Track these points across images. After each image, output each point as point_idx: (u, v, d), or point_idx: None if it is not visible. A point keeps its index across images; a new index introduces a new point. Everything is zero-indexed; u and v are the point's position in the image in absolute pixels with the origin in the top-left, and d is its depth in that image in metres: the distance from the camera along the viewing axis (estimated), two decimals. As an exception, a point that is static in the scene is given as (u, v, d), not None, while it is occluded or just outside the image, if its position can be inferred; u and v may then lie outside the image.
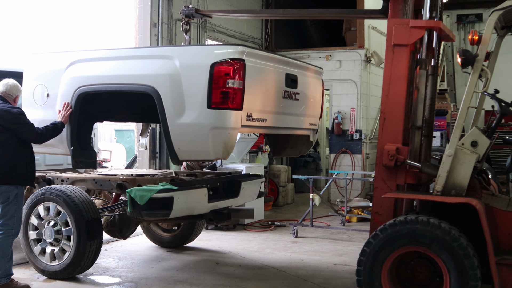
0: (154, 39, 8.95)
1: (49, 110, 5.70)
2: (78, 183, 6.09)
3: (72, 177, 6.21)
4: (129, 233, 6.37)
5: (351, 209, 9.51)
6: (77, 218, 5.50)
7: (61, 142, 5.62)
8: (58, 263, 5.68)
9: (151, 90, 5.01)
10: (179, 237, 7.35)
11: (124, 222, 6.14)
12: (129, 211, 5.27)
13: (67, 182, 6.12)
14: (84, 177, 6.18)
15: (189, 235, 7.31)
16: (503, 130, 12.54)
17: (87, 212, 5.55)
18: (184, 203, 5.31)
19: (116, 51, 5.94)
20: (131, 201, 5.16)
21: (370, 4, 11.17)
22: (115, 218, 6.11)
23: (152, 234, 7.46)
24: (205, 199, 5.57)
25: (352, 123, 11.84)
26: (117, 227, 6.16)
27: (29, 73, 6.06)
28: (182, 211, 5.38)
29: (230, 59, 4.79)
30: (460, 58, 4.42)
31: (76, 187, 5.85)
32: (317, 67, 6.34)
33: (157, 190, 5.14)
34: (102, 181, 5.93)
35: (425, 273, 4.40)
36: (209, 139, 4.83)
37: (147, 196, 5.08)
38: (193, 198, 5.45)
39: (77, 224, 5.50)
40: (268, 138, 7.10)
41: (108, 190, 6.04)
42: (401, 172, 4.73)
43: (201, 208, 5.67)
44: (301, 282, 5.83)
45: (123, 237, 6.32)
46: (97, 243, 5.63)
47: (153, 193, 5.10)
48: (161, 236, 7.43)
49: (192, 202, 5.46)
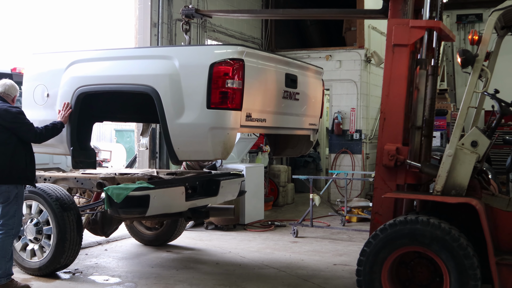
0: (154, 39, 8.95)
1: (49, 110, 5.70)
2: (60, 182, 6.25)
3: (54, 176, 6.36)
4: (111, 231, 6.47)
5: (351, 209, 9.50)
6: (57, 216, 5.61)
7: (61, 142, 5.63)
8: (38, 260, 5.80)
9: (150, 90, 5.01)
10: (162, 235, 7.45)
11: (106, 220, 6.24)
12: (106, 208, 5.37)
13: (49, 181, 6.25)
14: (66, 176, 6.34)
15: (172, 233, 7.42)
16: (503, 130, 12.54)
17: (71, 223, 5.67)
18: (161, 201, 5.39)
19: (115, 51, 5.94)
20: (108, 199, 5.25)
21: (370, 4, 11.17)
22: (96, 216, 6.22)
23: (135, 232, 7.59)
24: (182, 197, 5.65)
25: (352, 123, 11.84)
26: (99, 225, 6.26)
27: (29, 73, 6.07)
28: (158, 209, 5.45)
29: (229, 59, 4.78)
30: (460, 58, 4.42)
31: (57, 185, 5.98)
32: (317, 67, 6.33)
33: (133, 188, 5.22)
34: (83, 180, 6.13)
35: (425, 273, 4.40)
36: (209, 139, 4.83)
37: (123, 194, 5.17)
38: (170, 196, 5.54)
39: (57, 221, 5.61)
40: (268, 138, 7.10)
41: (89, 188, 6.16)
42: (401, 172, 4.73)
43: (178, 206, 5.76)
44: (301, 282, 5.83)
45: (105, 235, 6.42)
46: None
47: (129, 191, 5.18)
48: (144, 234, 7.55)
49: (169, 200, 5.54)
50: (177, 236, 7.53)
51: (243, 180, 6.91)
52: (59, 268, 5.80)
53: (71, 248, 5.68)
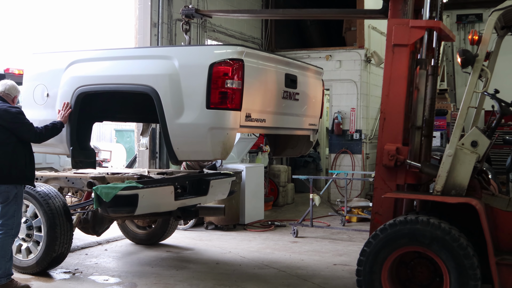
0: (154, 39, 8.94)
1: (49, 110, 5.70)
2: (51, 181, 6.29)
3: (46, 176, 6.39)
4: (103, 230, 6.47)
5: (351, 209, 9.50)
6: (42, 204, 5.66)
7: (60, 142, 5.64)
8: (34, 256, 5.81)
9: (150, 90, 5.01)
10: (154, 234, 7.49)
11: (97, 219, 6.25)
12: (95, 207, 5.39)
13: (41, 180, 6.27)
14: (57, 176, 6.36)
15: (164, 232, 7.46)
16: (503, 130, 12.54)
17: (58, 209, 5.72)
18: (149, 200, 5.40)
19: (115, 51, 5.94)
20: (97, 198, 5.27)
21: (370, 4, 11.17)
22: (88, 216, 6.23)
23: (127, 231, 7.62)
24: (171, 197, 5.66)
25: (352, 123, 11.84)
26: (90, 224, 6.27)
27: (29, 73, 6.07)
28: (147, 208, 5.48)
29: (229, 59, 4.77)
30: (460, 58, 4.42)
31: (48, 185, 6.01)
32: (317, 67, 6.33)
33: (122, 187, 5.24)
34: (74, 179, 6.17)
35: (425, 273, 4.40)
36: (208, 139, 4.82)
37: (112, 194, 5.19)
38: (159, 196, 5.56)
39: (44, 210, 5.65)
40: (268, 138, 7.09)
41: (80, 188, 6.18)
42: (401, 172, 4.73)
43: (167, 205, 5.79)
44: (301, 282, 5.83)
45: (96, 234, 6.42)
46: None
47: (117, 191, 5.20)
48: (136, 233, 7.59)
49: (158, 199, 5.57)
50: (169, 235, 7.56)
51: (233, 179, 6.92)
52: (56, 258, 5.77)
53: (63, 233, 5.70)
